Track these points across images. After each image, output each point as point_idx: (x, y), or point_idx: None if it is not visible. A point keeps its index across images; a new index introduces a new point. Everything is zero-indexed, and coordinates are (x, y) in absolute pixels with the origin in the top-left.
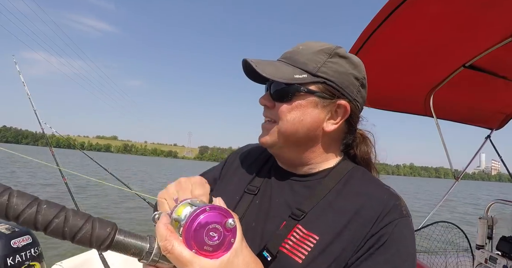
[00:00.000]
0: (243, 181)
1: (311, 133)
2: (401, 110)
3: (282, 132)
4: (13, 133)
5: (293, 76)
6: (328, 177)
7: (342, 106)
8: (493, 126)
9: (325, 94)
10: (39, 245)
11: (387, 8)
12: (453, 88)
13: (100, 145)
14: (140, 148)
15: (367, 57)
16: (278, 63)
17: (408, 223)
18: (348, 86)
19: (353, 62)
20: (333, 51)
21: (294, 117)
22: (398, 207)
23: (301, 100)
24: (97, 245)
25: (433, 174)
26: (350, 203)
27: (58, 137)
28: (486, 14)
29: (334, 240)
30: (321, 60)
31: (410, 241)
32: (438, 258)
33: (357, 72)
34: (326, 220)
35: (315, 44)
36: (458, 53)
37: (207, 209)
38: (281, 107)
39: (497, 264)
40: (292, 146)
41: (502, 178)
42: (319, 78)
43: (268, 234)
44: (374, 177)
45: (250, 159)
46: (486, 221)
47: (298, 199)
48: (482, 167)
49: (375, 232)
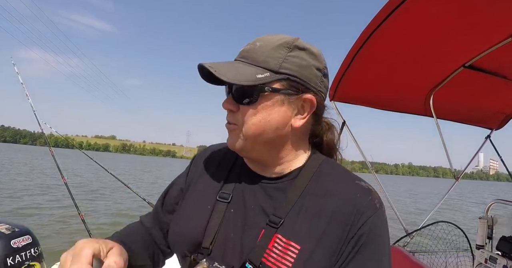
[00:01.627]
0: (212, 188)
1: (280, 131)
2: (401, 110)
3: (249, 135)
4: (11, 132)
5: (255, 77)
6: (300, 177)
7: (308, 100)
8: (493, 126)
9: (290, 90)
10: (39, 245)
11: (387, 8)
12: (453, 88)
13: (99, 144)
14: (138, 147)
15: (367, 57)
16: (237, 63)
17: (381, 215)
18: (311, 79)
19: (313, 52)
20: (292, 44)
21: (260, 118)
22: (370, 202)
23: (267, 100)
24: None
25: (431, 174)
26: (323, 204)
27: (56, 137)
28: (486, 14)
29: (316, 248)
30: (281, 55)
31: (384, 233)
32: (438, 258)
33: (318, 63)
34: (303, 226)
35: (273, 38)
36: (458, 53)
37: None
38: (246, 110)
39: (497, 264)
40: (262, 148)
41: (500, 177)
42: (282, 74)
43: (248, 244)
44: (343, 169)
45: (214, 163)
46: (486, 221)
47: (273, 204)
48: (481, 166)
49: (353, 234)
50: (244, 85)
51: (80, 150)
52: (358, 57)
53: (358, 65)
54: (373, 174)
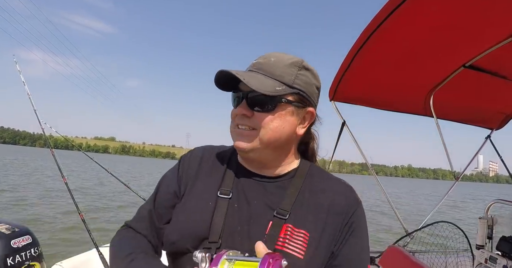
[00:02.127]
0: (211, 186)
1: (289, 138)
2: (401, 110)
3: (265, 139)
4: (10, 134)
5: (275, 89)
6: (296, 177)
7: (310, 112)
8: (493, 126)
9: (299, 103)
10: (39, 245)
11: (387, 8)
12: (453, 88)
13: (98, 146)
14: (138, 149)
15: (367, 57)
16: (257, 75)
17: (362, 208)
18: (312, 95)
19: (314, 73)
20: (301, 64)
21: (276, 125)
22: (355, 197)
23: (282, 109)
24: None
25: (431, 176)
26: (321, 199)
27: (56, 138)
28: (486, 14)
29: (321, 235)
30: (293, 73)
31: (365, 222)
32: (438, 258)
33: (317, 82)
34: (308, 217)
35: (284, 56)
36: (458, 53)
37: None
38: (263, 117)
39: (497, 264)
40: (270, 150)
41: (499, 179)
42: (295, 89)
43: (256, 235)
44: (328, 173)
45: (209, 163)
46: (486, 221)
47: (275, 200)
48: (480, 168)
49: (346, 222)
50: (263, 94)
51: (81, 151)
52: (358, 57)
53: (358, 65)
54: (374, 176)
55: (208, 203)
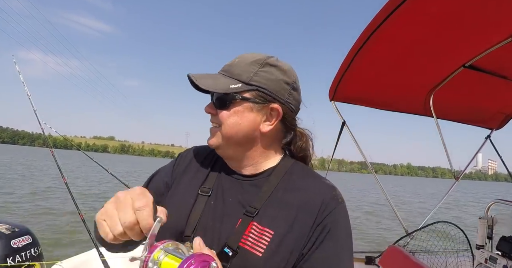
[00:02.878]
0: (194, 183)
1: (249, 134)
2: (401, 110)
3: (224, 134)
4: (9, 133)
5: (229, 86)
6: (273, 175)
7: (275, 109)
8: (493, 126)
9: (257, 99)
10: (39, 245)
11: (387, 8)
12: (453, 88)
13: (97, 145)
14: (137, 148)
15: (367, 57)
16: (217, 75)
17: (344, 209)
18: (279, 91)
19: (283, 69)
20: (264, 61)
21: (233, 121)
22: (334, 197)
23: (238, 106)
24: None
25: (430, 174)
26: (295, 197)
27: (55, 138)
28: (486, 14)
29: (287, 233)
30: (253, 70)
31: (346, 224)
32: (438, 258)
33: (287, 78)
34: (276, 215)
35: (250, 56)
36: (458, 53)
37: (192, 262)
38: (222, 114)
39: (497, 264)
40: (234, 147)
41: (498, 177)
42: (252, 86)
43: (226, 232)
44: (312, 170)
45: (198, 161)
46: (486, 221)
47: (249, 197)
48: (479, 167)
49: (320, 222)
50: (220, 93)
51: (81, 151)
52: (358, 57)
53: (358, 65)
54: (373, 175)
55: (190, 200)
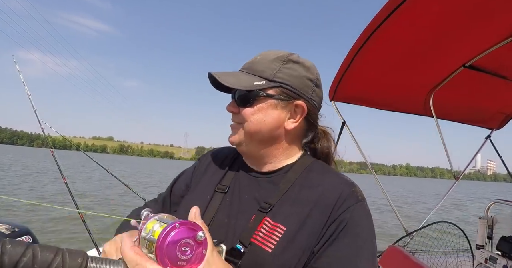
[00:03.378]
0: (212, 181)
1: (273, 131)
2: (401, 110)
3: (247, 131)
4: (8, 134)
5: (252, 83)
6: (290, 172)
7: (299, 105)
8: (493, 126)
9: (282, 96)
10: None
11: (388, 8)
12: (453, 88)
13: (96, 146)
14: (136, 149)
15: (367, 57)
16: (239, 73)
17: (364, 207)
18: (302, 88)
19: (306, 65)
20: (287, 58)
21: (257, 118)
22: (353, 193)
23: (262, 103)
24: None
25: (429, 174)
26: (311, 194)
27: (54, 138)
28: (486, 14)
29: (299, 230)
30: (276, 67)
31: (367, 223)
32: (438, 258)
33: (310, 74)
34: (290, 211)
35: (271, 52)
36: (458, 53)
37: (177, 225)
38: (245, 111)
39: (497, 264)
40: (257, 144)
41: (497, 178)
42: (276, 83)
43: (240, 228)
44: (332, 168)
45: (218, 161)
46: (486, 221)
47: (265, 194)
48: (478, 167)
49: (334, 219)
50: (243, 90)
51: (81, 151)
52: (358, 57)
53: (358, 65)
54: (373, 175)
55: (206, 197)
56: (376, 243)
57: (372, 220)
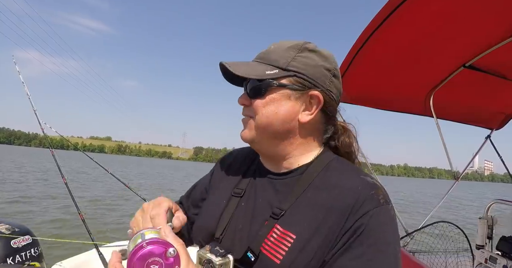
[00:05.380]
0: (229, 185)
1: (286, 124)
2: (401, 110)
3: (258, 125)
4: (5, 134)
5: (265, 72)
6: (306, 173)
7: (315, 96)
8: (493, 126)
9: (296, 86)
10: (39, 245)
11: (387, 8)
12: (453, 88)
13: (94, 146)
14: (134, 149)
15: (367, 56)
16: (252, 63)
17: (387, 211)
18: (319, 77)
19: (323, 54)
20: (302, 46)
21: (268, 110)
22: (373, 196)
23: (274, 93)
24: None
25: (427, 175)
26: (326, 197)
27: (51, 138)
28: (486, 14)
29: (311, 238)
30: (290, 55)
31: (389, 230)
32: (438, 258)
33: (327, 64)
34: (303, 217)
35: (286, 42)
36: (458, 53)
37: (144, 244)
38: (256, 102)
39: (497, 264)
40: (270, 139)
41: (494, 178)
42: (290, 72)
43: (253, 234)
44: (353, 166)
45: (235, 164)
46: (486, 221)
47: (279, 198)
48: (475, 167)
49: (350, 225)
50: (254, 79)
51: (81, 151)
52: (358, 57)
53: (358, 65)
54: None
55: (222, 201)
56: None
57: (397, 226)
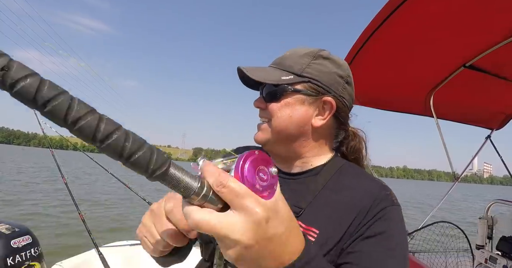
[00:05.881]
0: None
1: (300, 128)
2: (401, 110)
3: (273, 128)
4: (5, 133)
5: (280, 78)
6: (321, 174)
7: (328, 102)
8: (494, 126)
9: (310, 91)
10: (39, 245)
11: (387, 8)
12: (453, 88)
13: (93, 146)
14: None
15: (367, 57)
16: (268, 68)
17: (398, 211)
18: (332, 84)
19: (336, 62)
20: (317, 53)
21: (283, 114)
22: (388, 196)
23: (289, 98)
24: (152, 170)
25: (426, 177)
26: (343, 196)
27: (50, 137)
28: (486, 14)
29: (333, 233)
30: (305, 62)
31: (401, 228)
32: (438, 258)
33: (341, 71)
34: (323, 214)
35: (301, 49)
36: (458, 53)
37: (256, 152)
38: (272, 106)
39: (497, 264)
40: (283, 142)
41: (493, 181)
42: (304, 78)
43: None
44: (364, 171)
45: None
46: (486, 221)
47: (295, 197)
48: (475, 169)
49: (368, 221)
50: (270, 84)
51: (82, 152)
52: (358, 57)
53: (358, 65)
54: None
55: None
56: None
57: (404, 225)
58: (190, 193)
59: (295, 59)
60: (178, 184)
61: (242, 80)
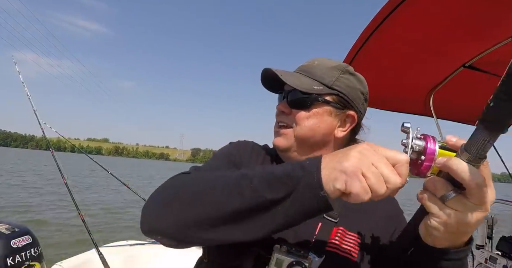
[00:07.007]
0: None
1: (325, 138)
2: (401, 110)
3: (299, 136)
4: (2, 135)
5: (312, 87)
6: None
7: (351, 116)
8: None
9: (338, 104)
10: (39, 245)
11: (387, 8)
12: (453, 88)
13: (91, 147)
14: (131, 150)
15: (367, 57)
16: (297, 74)
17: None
18: (355, 99)
19: (360, 79)
20: (345, 68)
21: (312, 123)
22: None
23: (318, 108)
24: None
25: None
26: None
27: (48, 139)
28: (486, 14)
29: (372, 239)
30: (335, 75)
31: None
32: None
33: (362, 88)
34: (359, 220)
35: (328, 61)
36: (458, 53)
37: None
38: (300, 114)
39: (497, 264)
40: (306, 150)
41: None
42: (334, 90)
43: (304, 236)
44: None
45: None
46: (486, 221)
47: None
48: None
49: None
50: (302, 92)
51: (82, 152)
52: (358, 57)
53: (358, 65)
54: None
55: None
56: None
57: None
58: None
59: (325, 71)
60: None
61: (264, 80)
